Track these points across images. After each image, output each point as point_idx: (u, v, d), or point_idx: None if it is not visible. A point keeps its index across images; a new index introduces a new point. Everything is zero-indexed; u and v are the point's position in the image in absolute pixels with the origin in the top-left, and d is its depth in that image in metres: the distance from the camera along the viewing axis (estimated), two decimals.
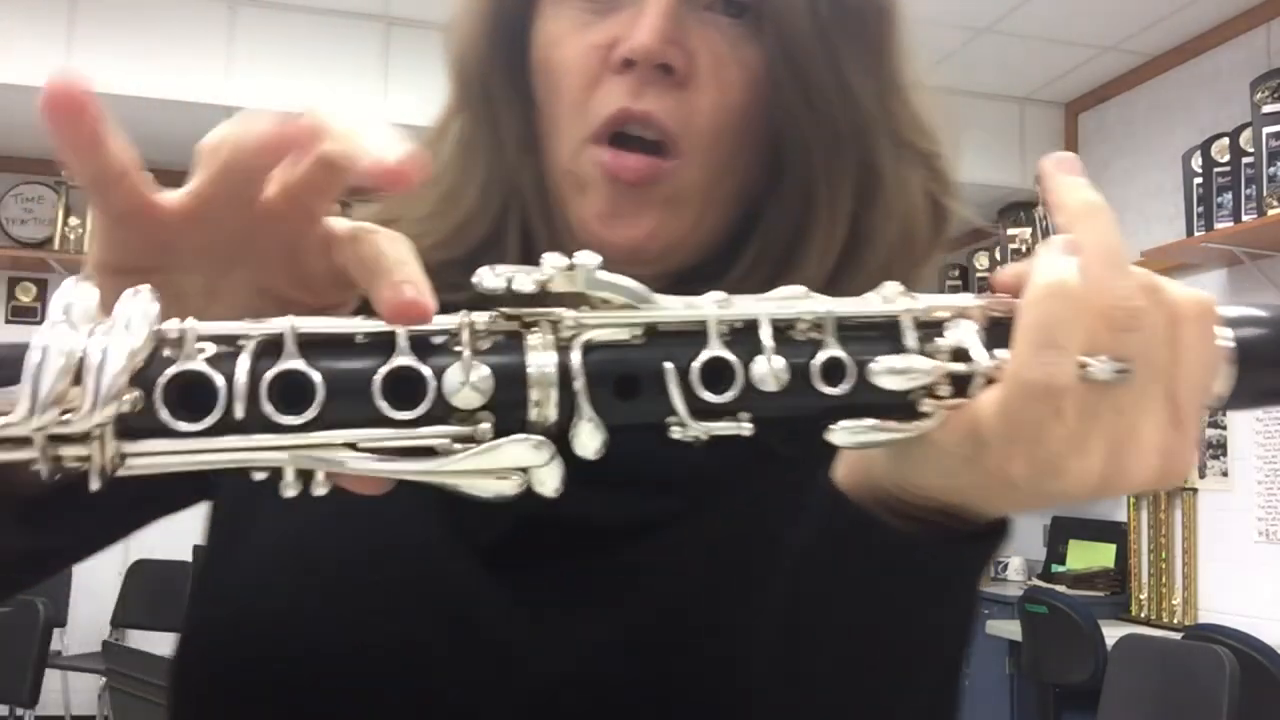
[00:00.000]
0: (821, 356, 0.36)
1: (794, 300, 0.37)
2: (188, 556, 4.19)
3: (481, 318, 0.35)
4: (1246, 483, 4.08)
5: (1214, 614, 4.07)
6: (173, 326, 0.33)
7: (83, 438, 0.31)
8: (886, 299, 0.38)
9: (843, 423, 0.36)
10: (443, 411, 0.33)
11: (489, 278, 0.35)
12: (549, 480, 0.33)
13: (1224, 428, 4.18)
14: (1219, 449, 4.20)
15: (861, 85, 0.55)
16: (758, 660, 0.47)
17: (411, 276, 0.36)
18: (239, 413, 0.32)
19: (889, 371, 0.36)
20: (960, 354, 0.37)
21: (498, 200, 0.58)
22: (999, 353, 0.36)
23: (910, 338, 0.37)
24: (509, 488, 0.33)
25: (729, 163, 0.55)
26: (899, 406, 0.37)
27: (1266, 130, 3.83)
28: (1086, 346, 0.36)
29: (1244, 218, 3.94)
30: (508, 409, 0.34)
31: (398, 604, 0.53)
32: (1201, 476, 4.27)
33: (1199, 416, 0.38)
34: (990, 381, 0.36)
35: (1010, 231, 5.30)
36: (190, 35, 4.35)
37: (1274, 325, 0.43)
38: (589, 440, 0.34)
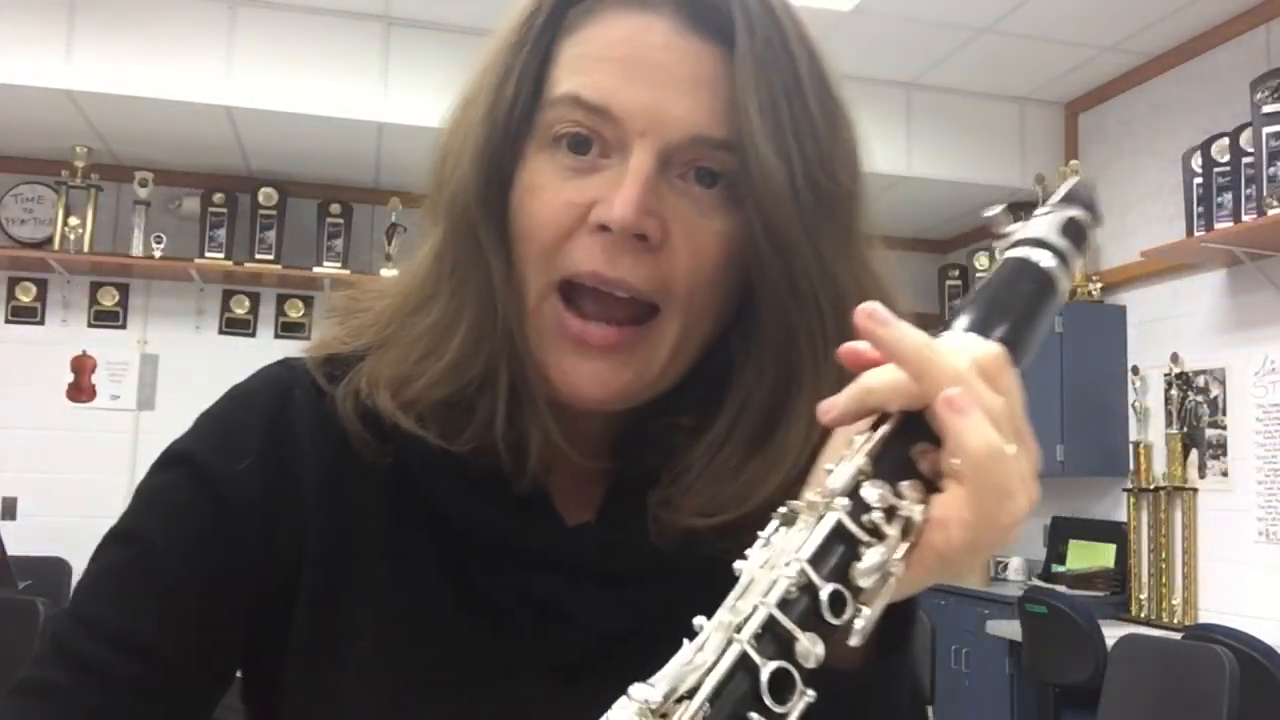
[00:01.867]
0: (825, 600, 0.42)
1: (771, 573, 0.42)
2: None
3: None
4: (1246, 483, 4.08)
5: (1214, 614, 4.07)
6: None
7: None
8: (818, 506, 0.44)
9: (855, 629, 0.42)
10: None
11: None
12: None
13: (1224, 428, 4.18)
14: (1219, 449, 4.20)
15: (836, 262, 0.58)
16: None
17: None
18: None
19: (870, 573, 0.42)
20: (889, 509, 0.44)
21: (489, 339, 0.59)
22: (905, 487, 0.44)
23: (862, 534, 0.43)
24: None
25: (700, 319, 0.59)
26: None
27: (1266, 130, 3.83)
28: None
29: (1244, 218, 3.94)
30: None
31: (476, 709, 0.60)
32: (1201, 476, 4.27)
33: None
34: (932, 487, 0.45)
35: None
36: (190, 35, 4.35)
37: (1015, 326, 0.49)
38: None
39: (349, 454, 0.60)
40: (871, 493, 0.43)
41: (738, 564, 0.43)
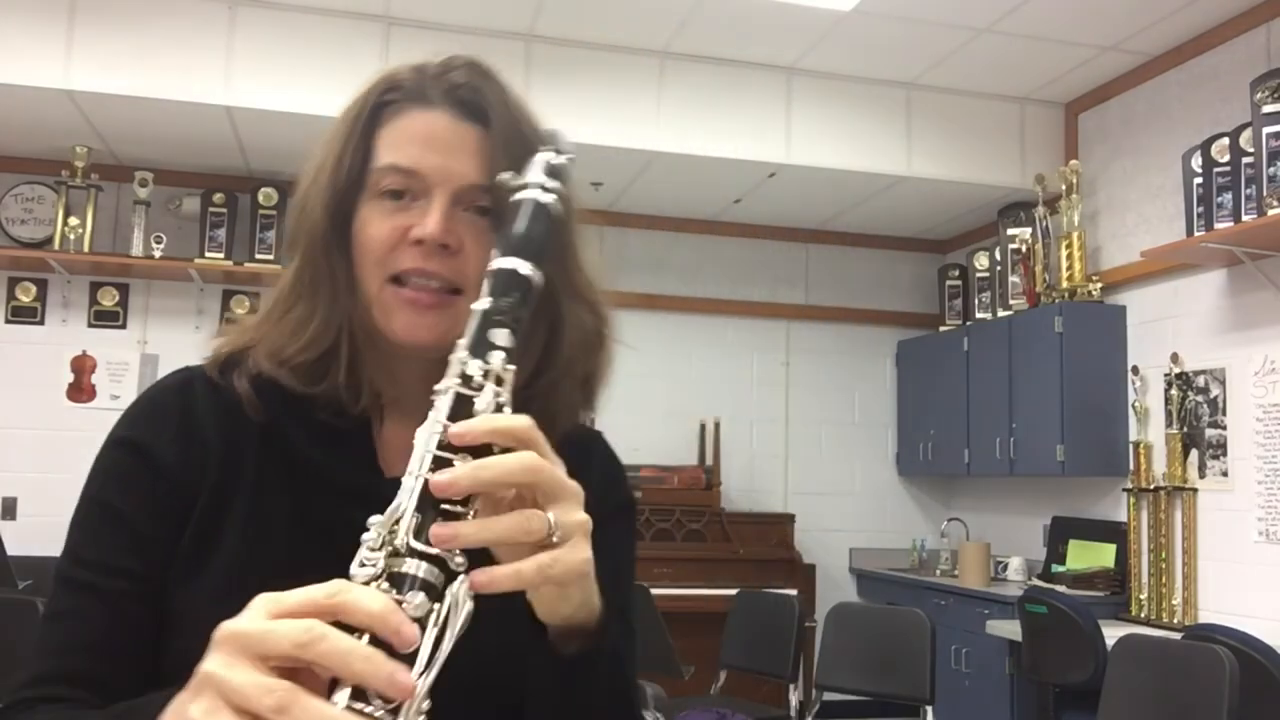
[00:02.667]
0: (457, 431, 0.66)
1: (429, 430, 0.67)
2: None
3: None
4: (1246, 483, 4.08)
5: (1214, 614, 4.07)
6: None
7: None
8: (448, 389, 0.69)
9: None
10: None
11: None
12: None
13: (1224, 428, 4.18)
14: (1219, 449, 4.20)
15: (565, 270, 0.90)
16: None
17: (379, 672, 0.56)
18: None
19: (484, 405, 0.67)
20: (485, 373, 0.69)
21: (336, 321, 0.90)
22: (492, 357, 0.69)
23: (471, 391, 0.68)
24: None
25: None
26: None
27: (1266, 130, 3.83)
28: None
29: (1244, 218, 3.94)
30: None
31: None
32: (1201, 476, 4.27)
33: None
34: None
35: (1010, 231, 5.30)
36: (190, 35, 4.35)
37: (538, 247, 0.75)
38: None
39: (236, 424, 0.89)
40: (473, 366, 0.69)
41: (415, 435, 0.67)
